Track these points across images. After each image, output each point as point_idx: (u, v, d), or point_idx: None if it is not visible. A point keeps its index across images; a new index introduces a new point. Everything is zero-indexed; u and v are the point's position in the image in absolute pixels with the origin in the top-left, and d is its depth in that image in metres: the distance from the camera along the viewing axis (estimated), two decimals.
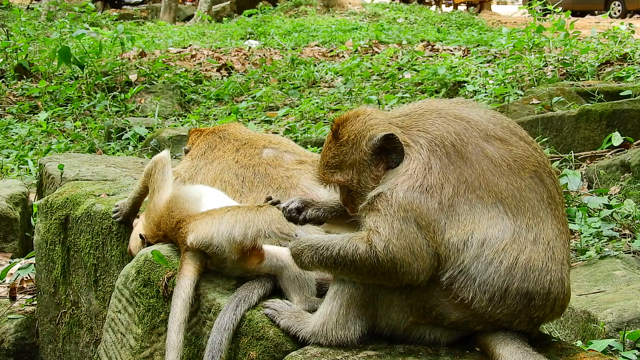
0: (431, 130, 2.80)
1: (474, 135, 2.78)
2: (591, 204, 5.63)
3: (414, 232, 2.67)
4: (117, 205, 4.17)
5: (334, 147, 2.94)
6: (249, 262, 3.27)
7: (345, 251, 2.75)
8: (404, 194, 2.70)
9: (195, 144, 4.13)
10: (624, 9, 32.20)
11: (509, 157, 2.77)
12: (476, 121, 2.83)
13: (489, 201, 2.71)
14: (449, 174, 2.72)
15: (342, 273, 2.80)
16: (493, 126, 2.83)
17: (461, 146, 2.76)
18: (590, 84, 9.52)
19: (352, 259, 2.73)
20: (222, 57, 16.08)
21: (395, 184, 2.74)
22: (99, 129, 10.82)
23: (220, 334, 3.02)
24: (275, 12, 28.48)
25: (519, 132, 2.88)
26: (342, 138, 2.92)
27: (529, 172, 2.78)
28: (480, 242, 2.67)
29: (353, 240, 2.75)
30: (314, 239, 2.88)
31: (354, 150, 2.89)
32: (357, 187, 2.90)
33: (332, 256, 2.78)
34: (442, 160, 2.74)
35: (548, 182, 2.81)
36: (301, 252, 2.88)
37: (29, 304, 5.48)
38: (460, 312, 2.75)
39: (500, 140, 2.80)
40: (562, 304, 2.79)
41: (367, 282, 2.79)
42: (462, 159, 2.74)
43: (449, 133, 2.78)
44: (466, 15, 29.03)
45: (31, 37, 15.59)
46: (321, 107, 10.89)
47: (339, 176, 2.92)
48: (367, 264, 2.70)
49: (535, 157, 2.82)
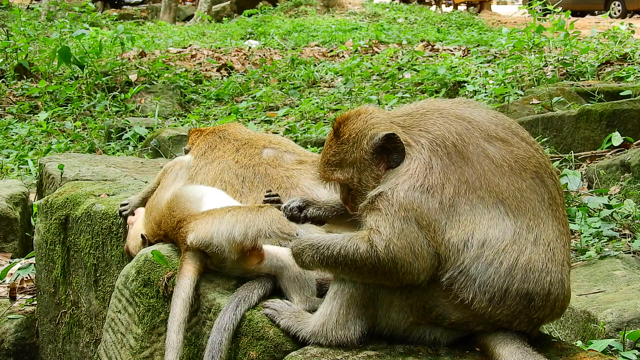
0: (432, 130, 2.80)
1: (475, 136, 2.78)
2: (591, 204, 5.63)
3: (415, 232, 2.67)
4: (128, 199, 4.12)
5: (335, 145, 2.94)
6: (249, 262, 3.27)
7: (346, 250, 2.74)
8: (404, 193, 2.70)
9: (195, 144, 4.13)
10: (624, 9, 32.20)
11: (510, 158, 2.76)
12: (478, 121, 2.82)
13: (489, 201, 2.70)
14: (450, 174, 2.72)
15: (343, 272, 2.80)
16: (495, 127, 2.83)
17: (462, 146, 2.75)
18: (590, 84, 9.51)
19: (352, 258, 2.73)
20: (222, 57, 16.08)
21: (396, 184, 2.74)
22: (99, 129, 10.82)
23: (220, 334, 3.02)
24: (275, 12, 28.49)
25: (521, 133, 2.87)
26: (343, 136, 2.92)
27: (530, 173, 2.77)
28: (481, 242, 2.67)
29: (354, 240, 2.75)
30: (315, 238, 2.87)
31: (354, 149, 2.89)
32: (357, 186, 2.90)
33: (332, 255, 2.77)
34: (443, 160, 2.74)
35: (549, 183, 2.81)
36: (302, 251, 2.87)
37: (29, 304, 5.47)
38: (460, 313, 2.74)
39: (502, 141, 2.79)
40: (562, 305, 2.79)
41: (368, 281, 2.79)
42: (464, 159, 2.74)
43: (450, 133, 2.77)
44: (466, 15, 29.04)
45: (31, 37, 15.59)
46: (321, 107, 10.89)
47: (339, 174, 2.92)
48: (367, 263, 2.70)
49: (536, 158, 2.82)
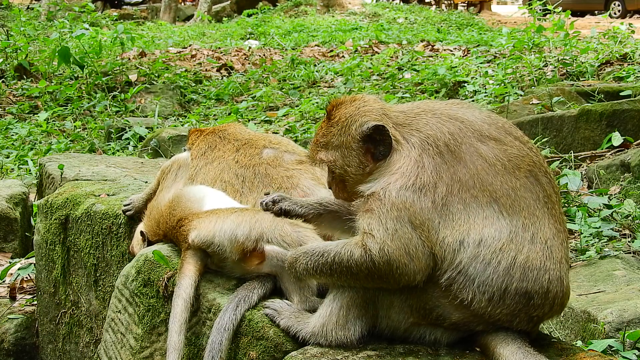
0: (424, 130, 2.82)
1: (468, 135, 2.79)
2: (591, 204, 5.62)
3: (409, 233, 2.67)
4: (130, 199, 4.14)
5: (325, 126, 2.99)
6: (249, 262, 3.27)
7: (340, 257, 2.75)
8: (397, 192, 2.71)
9: (195, 144, 4.13)
10: (624, 9, 32.19)
11: (503, 157, 2.77)
12: (471, 121, 2.83)
13: (483, 200, 2.71)
14: (442, 172, 2.73)
15: (340, 279, 2.80)
16: (488, 126, 2.83)
17: (455, 146, 2.76)
18: (590, 84, 9.51)
19: (347, 265, 2.73)
20: (222, 57, 16.08)
21: (388, 183, 2.75)
22: (99, 129, 10.82)
23: (220, 334, 3.02)
24: (275, 12, 28.49)
25: (514, 132, 2.88)
26: (334, 119, 2.95)
27: (524, 172, 2.78)
28: (477, 242, 2.67)
29: (347, 247, 2.75)
30: (309, 247, 2.90)
31: (342, 133, 2.92)
32: (340, 171, 2.93)
33: (327, 262, 2.78)
34: (434, 159, 2.75)
35: (544, 182, 2.81)
36: (296, 260, 2.89)
37: (29, 304, 5.48)
38: (460, 313, 2.74)
39: (495, 140, 2.80)
40: (561, 302, 2.79)
41: (366, 286, 2.79)
42: (456, 159, 2.75)
43: (442, 133, 2.79)
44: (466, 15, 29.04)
45: (31, 37, 15.60)
46: (321, 107, 10.88)
47: (323, 155, 2.96)
48: (363, 268, 2.70)
49: (530, 156, 2.82)
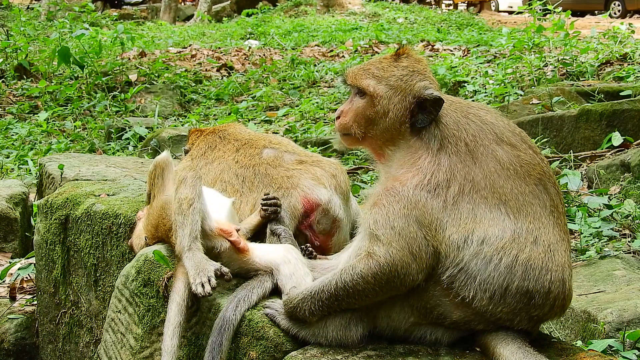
0: (451, 126, 2.83)
1: (488, 137, 2.82)
2: (591, 204, 5.63)
3: (414, 232, 2.69)
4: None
5: (387, 62, 2.92)
6: (241, 255, 3.28)
7: (343, 281, 2.76)
8: (412, 191, 2.72)
9: (195, 144, 4.12)
10: (624, 9, 32.19)
11: (516, 162, 2.81)
12: (493, 124, 2.87)
13: (492, 202, 2.73)
14: (456, 171, 2.75)
15: (349, 303, 2.79)
16: (507, 132, 2.87)
17: (474, 146, 2.79)
18: (590, 84, 9.51)
19: (352, 285, 2.74)
20: (222, 57, 16.08)
21: (405, 179, 2.76)
22: (99, 129, 10.82)
23: (220, 334, 3.02)
24: (275, 12, 28.49)
25: (529, 142, 2.93)
26: (401, 63, 2.90)
27: (534, 179, 2.82)
28: (480, 239, 2.69)
29: (346, 269, 2.77)
30: (302, 290, 2.90)
31: (404, 80, 2.86)
32: (380, 108, 2.86)
33: (332, 295, 2.79)
34: (451, 157, 2.77)
35: (552, 192, 2.85)
36: (295, 308, 2.88)
37: (29, 304, 5.47)
38: (461, 312, 2.75)
39: (511, 146, 2.84)
40: (562, 304, 2.79)
41: (374, 299, 2.77)
42: (472, 158, 2.78)
43: (466, 132, 2.81)
44: (466, 15, 29.04)
45: (31, 37, 15.60)
46: (321, 107, 10.89)
47: (372, 83, 2.87)
48: (369, 278, 2.71)
49: (541, 166, 2.87)
